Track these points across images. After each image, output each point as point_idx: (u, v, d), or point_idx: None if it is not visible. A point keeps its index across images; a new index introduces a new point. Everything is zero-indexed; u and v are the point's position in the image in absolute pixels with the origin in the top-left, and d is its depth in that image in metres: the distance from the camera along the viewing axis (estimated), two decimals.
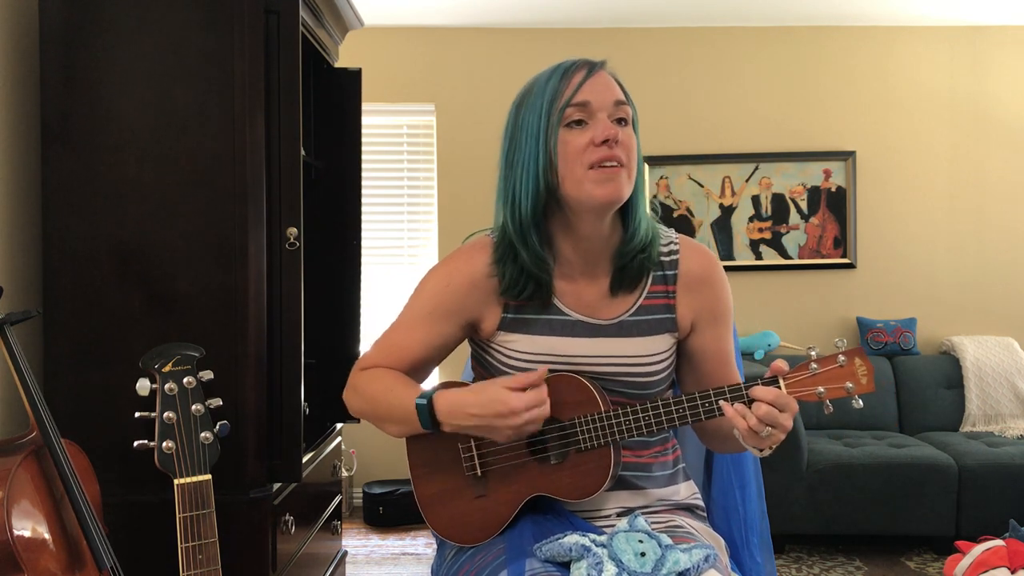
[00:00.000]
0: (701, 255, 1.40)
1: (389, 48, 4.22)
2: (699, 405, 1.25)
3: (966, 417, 3.91)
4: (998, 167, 4.30)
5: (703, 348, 1.40)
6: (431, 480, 1.39)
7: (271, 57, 1.78)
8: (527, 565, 1.22)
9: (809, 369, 1.22)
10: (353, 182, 2.42)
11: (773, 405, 1.19)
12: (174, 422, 1.45)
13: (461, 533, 1.37)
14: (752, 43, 4.29)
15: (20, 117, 1.84)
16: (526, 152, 1.28)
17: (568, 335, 1.33)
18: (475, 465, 1.35)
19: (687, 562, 1.20)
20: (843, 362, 1.22)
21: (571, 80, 1.26)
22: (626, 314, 1.35)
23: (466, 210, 4.23)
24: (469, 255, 1.37)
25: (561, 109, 1.25)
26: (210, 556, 1.44)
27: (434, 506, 1.39)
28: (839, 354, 1.22)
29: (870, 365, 1.22)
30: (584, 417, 1.28)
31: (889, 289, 4.28)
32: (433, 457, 1.38)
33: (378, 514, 3.94)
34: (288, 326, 1.82)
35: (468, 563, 1.33)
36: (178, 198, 1.78)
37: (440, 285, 1.38)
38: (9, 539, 1.28)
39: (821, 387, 1.22)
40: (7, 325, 1.43)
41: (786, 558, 3.46)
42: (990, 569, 2.72)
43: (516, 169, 1.29)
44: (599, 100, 1.25)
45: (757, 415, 1.19)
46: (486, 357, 1.41)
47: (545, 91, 1.27)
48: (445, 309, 1.36)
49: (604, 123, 1.25)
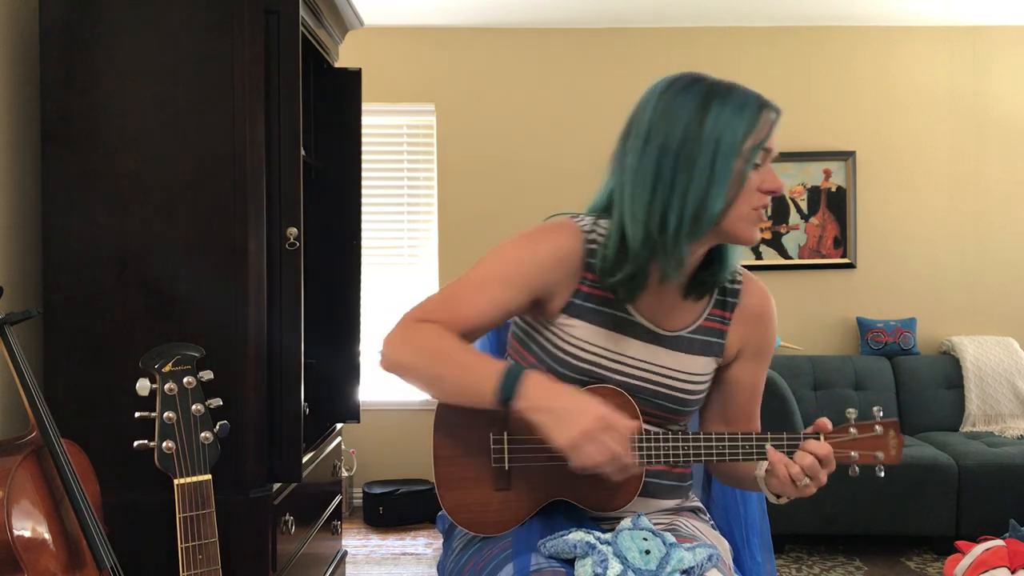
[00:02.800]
0: (761, 291, 1.43)
1: (389, 48, 4.22)
2: (740, 446, 1.28)
3: (966, 417, 3.91)
4: (998, 167, 4.30)
5: (739, 379, 1.43)
6: (453, 464, 1.35)
7: (271, 57, 1.78)
8: (532, 560, 1.23)
9: (849, 433, 1.29)
10: (353, 182, 2.42)
11: (819, 460, 1.23)
12: (174, 422, 1.46)
13: (474, 521, 1.34)
14: (752, 43, 4.29)
15: (20, 117, 1.84)
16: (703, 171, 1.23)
17: (628, 335, 1.33)
18: (504, 458, 1.33)
19: (691, 560, 1.21)
20: (879, 432, 1.29)
21: (764, 119, 1.26)
22: (685, 330, 1.37)
23: (466, 210, 4.23)
24: (556, 232, 1.33)
25: (752, 149, 1.24)
26: (210, 556, 1.44)
27: (452, 489, 1.35)
28: (877, 423, 1.29)
29: (901, 439, 1.30)
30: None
31: (889, 289, 4.28)
32: (461, 442, 1.34)
33: (378, 514, 3.94)
34: (288, 326, 1.82)
35: (475, 556, 1.33)
36: (178, 198, 1.78)
37: (526, 253, 1.32)
38: (9, 539, 1.28)
39: (855, 452, 1.28)
40: (7, 325, 1.43)
41: (786, 558, 3.46)
42: (990, 569, 2.72)
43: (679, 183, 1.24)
44: (774, 150, 1.29)
45: (802, 464, 1.23)
46: (537, 337, 1.37)
47: (740, 117, 1.25)
48: (525, 277, 1.31)
49: (773, 173, 1.27)
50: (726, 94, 1.28)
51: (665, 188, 1.24)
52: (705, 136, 1.24)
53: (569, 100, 4.27)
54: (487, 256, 1.35)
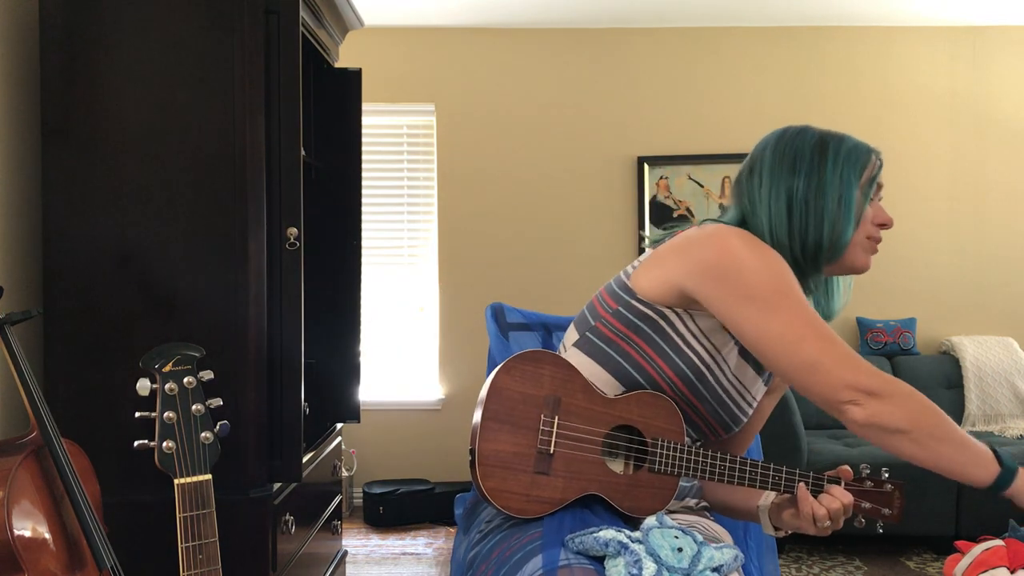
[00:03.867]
0: None
1: (389, 48, 4.22)
2: (771, 476, 1.32)
3: (966, 417, 3.91)
4: (998, 167, 4.30)
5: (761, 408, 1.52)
6: (499, 437, 1.33)
7: (271, 57, 1.78)
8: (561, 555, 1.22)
9: (865, 484, 1.34)
10: (353, 182, 2.42)
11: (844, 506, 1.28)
12: (174, 422, 1.45)
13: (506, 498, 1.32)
14: (752, 43, 4.29)
15: (20, 117, 1.84)
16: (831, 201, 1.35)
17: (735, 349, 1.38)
18: (550, 441, 1.32)
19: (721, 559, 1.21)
20: (889, 490, 1.35)
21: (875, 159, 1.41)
22: None
23: (466, 210, 4.24)
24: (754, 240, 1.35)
25: (873, 181, 1.39)
26: (210, 556, 1.44)
27: (491, 463, 1.32)
28: (888, 483, 1.35)
29: (904, 501, 1.37)
30: (667, 442, 1.33)
31: (889, 289, 4.28)
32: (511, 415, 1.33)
33: (378, 514, 3.94)
34: (288, 326, 1.82)
35: (504, 543, 1.31)
36: (178, 198, 1.78)
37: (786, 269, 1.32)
38: (9, 539, 1.29)
39: (867, 503, 1.33)
40: (7, 325, 1.43)
41: (786, 558, 3.46)
42: (990, 569, 2.72)
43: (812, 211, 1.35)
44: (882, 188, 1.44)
45: (829, 508, 1.27)
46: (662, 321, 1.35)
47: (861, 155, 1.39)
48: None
49: (883, 209, 1.42)
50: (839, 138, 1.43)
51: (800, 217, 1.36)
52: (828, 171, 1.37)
53: (569, 100, 4.27)
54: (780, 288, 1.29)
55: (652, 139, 4.26)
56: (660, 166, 4.26)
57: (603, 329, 1.38)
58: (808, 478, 1.31)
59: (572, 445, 1.33)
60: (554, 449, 1.32)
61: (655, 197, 4.27)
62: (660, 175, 4.27)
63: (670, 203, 4.28)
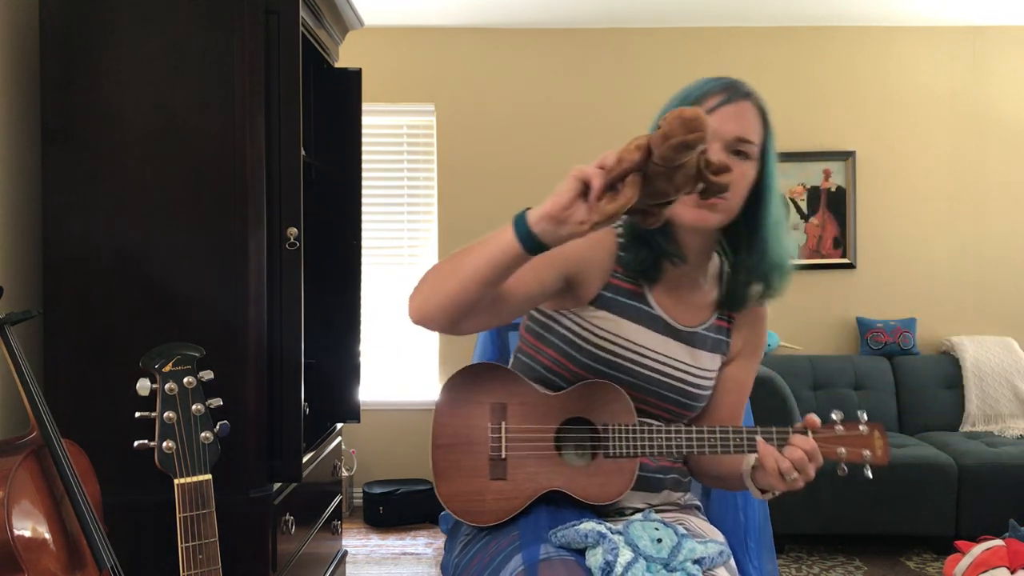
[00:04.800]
0: None
1: (389, 48, 4.22)
2: (730, 438, 1.31)
3: (966, 417, 3.91)
4: (998, 167, 4.30)
5: (735, 378, 1.48)
6: (451, 452, 1.37)
7: (271, 57, 1.78)
8: (542, 550, 1.23)
9: (835, 430, 1.30)
10: (353, 182, 2.42)
11: (807, 454, 1.25)
12: (174, 422, 1.45)
13: (469, 510, 1.35)
14: (752, 43, 4.29)
15: (20, 117, 1.84)
16: None
17: (648, 328, 1.37)
18: (501, 447, 1.34)
19: (703, 552, 1.22)
20: (864, 432, 1.30)
21: (703, 104, 1.31)
22: (700, 327, 1.42)
23: (466, 210, 4.23)
24: None
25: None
26: (210, 556, 1.44)
27: (449, 478, 1.36)
28: (862, 424, 1.31)
29: (887, 441, 1.31)
30: (618, 425, 1.32)
31: (889, 289, 4.28)
32: (460, 431, 1.36)
33: (378, 514, 3.94)
34: (288, 326, 1.82)
35: (481, 552, 1.33)
36: (178, 198, 1.78)
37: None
38: (9, 539, 1.29)
39: (843, 448, 1.29)
40: (7, 325, 1.43)
41: (786, 558, 3.46)
42: (990, 569, 2.72)
43: None
44: (719, 131, 1.28)
45: (791, 458, 1.24)
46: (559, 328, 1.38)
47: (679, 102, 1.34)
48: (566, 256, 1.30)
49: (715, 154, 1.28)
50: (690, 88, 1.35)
51: None
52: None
53: (569, 100, 4.27)
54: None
55: None
56: None
57: (522, 346, 1.46)
58: (771, 433, 1.29)
59: (524, 446, 1.34)
60: (506, 453, 1.34)
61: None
62: None
63: None
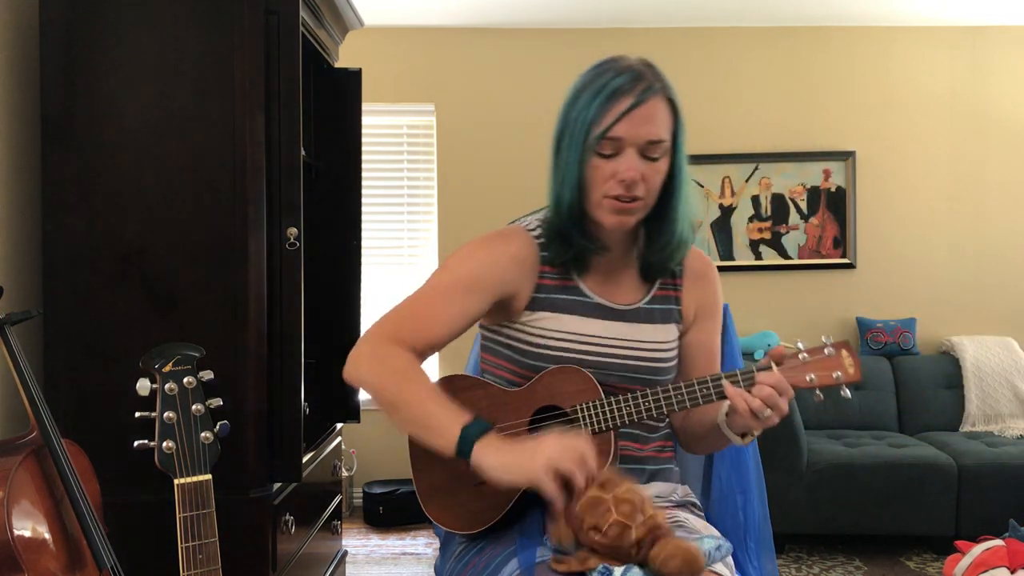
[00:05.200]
0: (700, 253, 1.50)
1: (389, 48, 4.22)
2: (697, 390, 1.29)
3: (966, 417, 3.91)
4: (998, 167, 4.30)
5: (697, 343, 1.46)
6: (430, 471, 1.39)
7: (271, 57, 1.78)
8: (538, 553, 1.23)
9: (800, 358, 1.28)
10: (353, 182, 2.42)
11: (775, 388, 1.23)
12: (174, 422, 1.45)
13: (461, 521, 1.36)
14: (752, 43, 4.29)
15: (20, 117, 1.84)
16: (568, 157, 1.32)
17: (590, 316, 1.38)
18: None
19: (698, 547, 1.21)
20: (831, 353, 1.28)
21: (613, 107, 1.27)
22: (642, 302, 1.42)
23: (466, 210, 4.23)
24: (507, 235, 1.41)
25: (597, 137, 1.27)
26: (210, 556, 1.44)
27: (434, 497, 1.39)
28: (826, 346, 1.29)
29: (856, 356, 1.29)
30: (585, 404, 1.31)
31: (889, 289, 4.28)
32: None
33: (378, 514, 3.94)
34: (288, 326, 1.82)
35: (477, 556, 1.33)
36: (178, 198, 1.78)
37: (483, 258, 1.38)
38: (9, 539, 1.28)
39: (812, 374, 1.27)
40: (7, 325, 1.43)
41: (786, 558, 3.46)
42: (990, 569, 2.72)
43: (561, 167, 1.34)
44: (632, 137, 1.27)
45: (760, 396, 1.23)
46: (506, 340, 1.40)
47: (590, 107, 1.28)
48: (486, 282, 1.36)
49: (629, 161, 1.27)
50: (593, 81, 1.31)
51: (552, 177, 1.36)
52: (568, 126, 1.32)
53: None
54: (444, 266, 1.40)
55: None
56: None
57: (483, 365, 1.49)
58: (736, 376, 1.27)
59: None
60: None
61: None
62: None
63: None
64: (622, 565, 1.15)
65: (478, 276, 1.36)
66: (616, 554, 1.16)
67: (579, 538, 1.18)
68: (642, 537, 1.16)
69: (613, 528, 1.15)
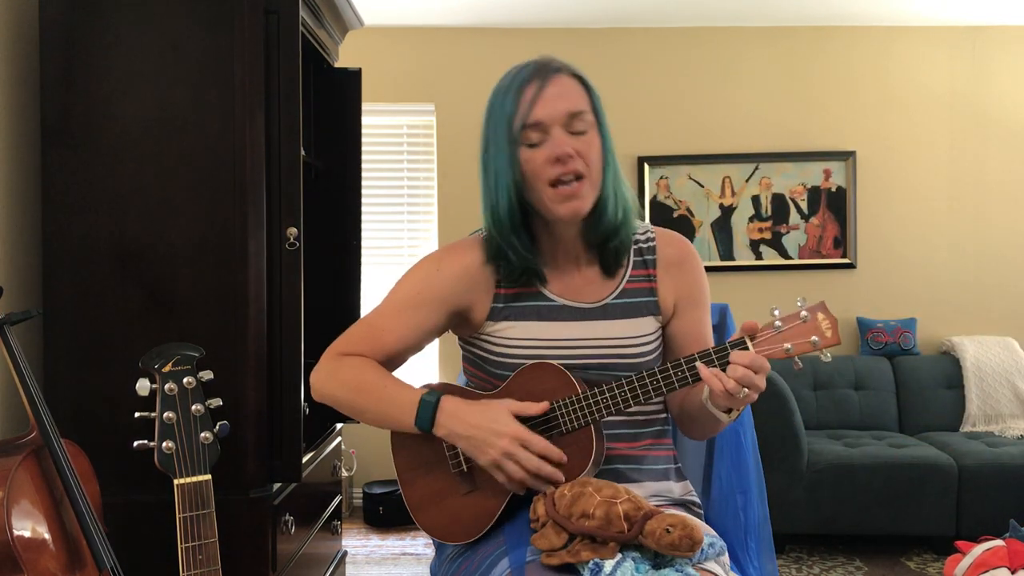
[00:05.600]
0: (677, 240, 1.46)
1: (389, 48, 4.22)
2: (672, 374, 1.27)
3: (966, 417, 3.91)
4: (998, 167, 4.30)
5: (684, 331, 1.44)
6: (418, 483, 1.39)
7: (271, 57, 1.78)
8: (528, 552, 1.23)
9: (774, 328, 1.24)
10: (353, 182, 2.42)
11: (749, 367, 1.21)
12: (174, 422, 1.45)
13: (454, 531, 1.36)
14: (752, 43, 4.29)
15: (20, 117, 1.84)
16: (497, 165, 1.31)
17: (556, 320, 1.37)
18: (460, 462, 1.35)
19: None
20: (806, 317, 1.23)
21: (523, 98, 1.28)
22: (609, 297, 1.39)
23: (466, 210, 4.23)
24: (460, 248, 1.41)
25: (518, 131, 1.28)
26: (210, 556, 1.44)
27: (425, 508, 1.39)
28: (801, 311, 1.24)
29: (833, 318, 1.24)
30: (561, 400, 1.30)
31: (889, 289, 4.28)
32: (418, 460, 1.38)
33: (378, 514, 3.94)
34: (288, 326, 1.82)
35: (469, 558, 1.33)
36: (178, 198, 1.78)
37: (429, 272, 1.40)
38: (9, 539, 1.28)
39: (788, 343, 1.23)
40: (7, 325, 1.43)
41: (786, 558, 3.46)
42: (990, 569, 2.72)
43: (491, 178, 1.33)
44: (551, 115, 1.28)
45: (734, 377, 1.21)
46: (475, 351, 1.42)
47: (504, 107, 1.30)
48: (433, 295, 1.38)
49: (558, 139, 1.28)
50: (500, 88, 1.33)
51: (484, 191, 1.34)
52: (489, 136, 1.32)
53: None
54: (398, 282, 1.43)
55: (652, 139, 4.26)
56: (660, 166, 4.26)
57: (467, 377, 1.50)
58: (710, 355, 1.25)
59: None
60: (467, 465, 1.34)
61: (655, 197, 4.27)
62: (660, 175, 4.27)
63: (670, 203, 4.28)
64: (613, 559, 1.15)
65: (428, 292, 1.38)
66: (608, 534, 1.16)
67: (569, 529, 1.18)
68: (628, 511, 1.17)
69: (600, 508, 1.17)
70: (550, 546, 1.19)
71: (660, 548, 1.15)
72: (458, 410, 1.29)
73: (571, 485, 1.23)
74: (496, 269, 1.38)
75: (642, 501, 1.21)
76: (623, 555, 1.17)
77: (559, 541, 1.19)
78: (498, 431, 1.25)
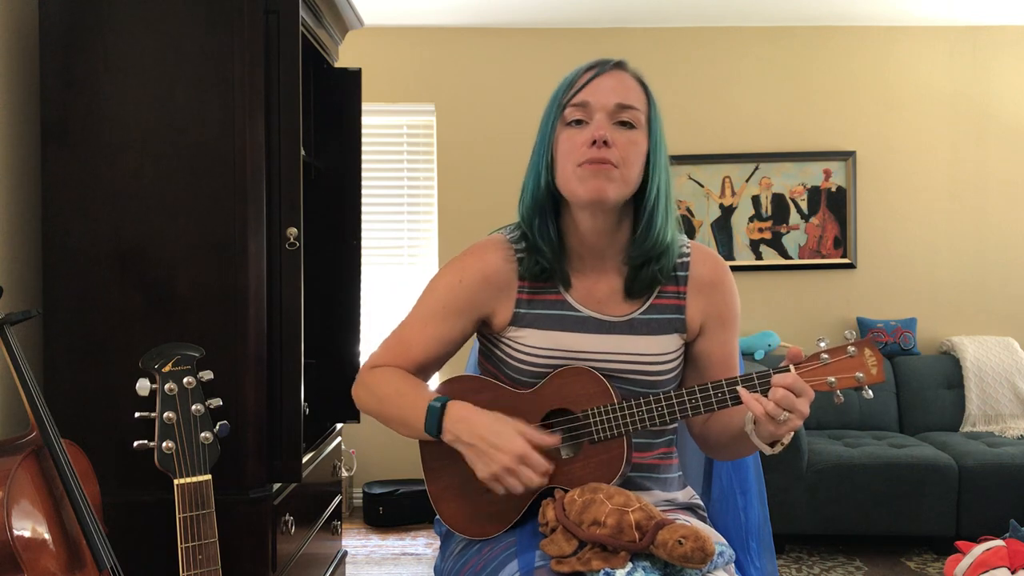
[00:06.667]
0: (712, 260, 1.42)
1: (389, 48, 4.22)
2: (712, 395, 1.25)
3: (966, 417, 3.91)
4: (998, 167, 4.30)
5: (709, 352, 1.41)
6: (443, 475, 1.38)
7: (271, 57, 1.78)
8: (537, 556, 1.23)
9: (820, 359, 1.22)
10: (353, 182, 2.42)
11: (790, 390, 1.18)
12: (174, 422, 1.45)
13: (473, 527, 1.36)
14: (752, 43, 4.29)
15: (20, 117, 1.84)
16: (537, 144, 1.34)
17: (578, 331, 1.35)
18: None
19: None
20: (853, 353, 1.22)
21: (578, 80, 1.31)
22: (636, 312, 1.37)
23: (466, 210, 4.23)
24: (481, 252, 1.40)
25: (563, 107, 1.30)
26: (210, 556, 1.44)
27: (446, 500, 1.38)
28: (849, 345, 1.23)
29: (880, 356, 1.23)
30: (596, 408, 1.29)
31: (889, 289, 4.28)
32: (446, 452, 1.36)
33: (378, 514, 3.94)
34: (288, 326, 1.81)
35: (475, 556, 1.33)
36: (178, 198, 1.78)
37: (452, 282, 1.39)
38: (9, 539, 1.28)
39: (832, 377, 1.22)
40: (7, 325, 1.43)
41: (786, 558, 3.46)
42: (990, 569, 2.72)
43: (535, 155, 1.35)
44: (599, 101, 1.28)
45: (774, 399, 1.18)
46: (496, 352, 1.42)
47: (559, 90, 1.33)
48: (457, 306, 1.38)
49: (599, 123, 1.28)
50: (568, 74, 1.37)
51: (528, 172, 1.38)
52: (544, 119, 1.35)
53: None
54: (424, 291, 1.43)
55: None
56: None
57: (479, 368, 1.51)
58: (753, 379, 1.22)
59: None
60: None
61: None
62: None
63: None
64: (624, 568, 1.15)
65: (449, 301, 1.39)
66: (620, 543, 1.16)
67: (580, 536, 1.18)
68: (640, 520, 1.16)
69: (612, 516, 1.16)
70: (560, 552, 1.18)
71: (672, 559, 1.14)
72: (467, 416, 1.28)
73: (582, 490, 1.22)
74: (518, 265, 1.37)
75: (653, 510, 1.20)
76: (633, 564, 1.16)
77: (569, 548, 1.18)
78: (501, 446, 1.24)
